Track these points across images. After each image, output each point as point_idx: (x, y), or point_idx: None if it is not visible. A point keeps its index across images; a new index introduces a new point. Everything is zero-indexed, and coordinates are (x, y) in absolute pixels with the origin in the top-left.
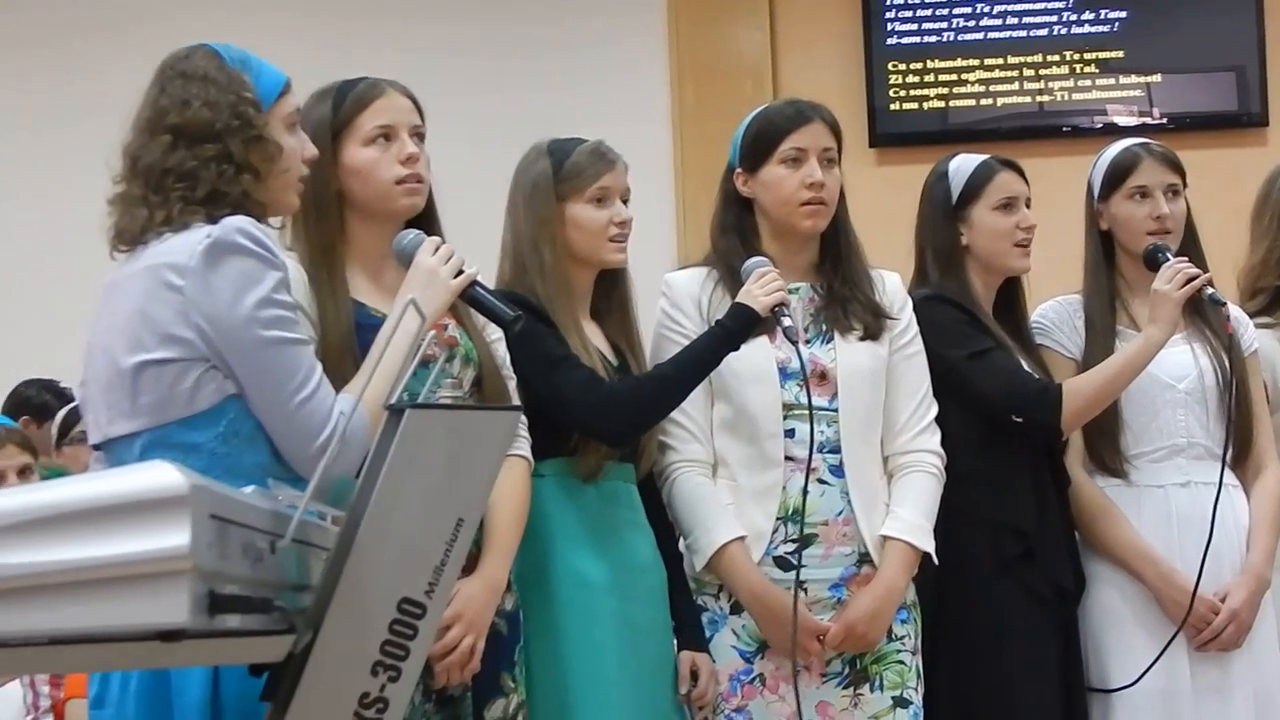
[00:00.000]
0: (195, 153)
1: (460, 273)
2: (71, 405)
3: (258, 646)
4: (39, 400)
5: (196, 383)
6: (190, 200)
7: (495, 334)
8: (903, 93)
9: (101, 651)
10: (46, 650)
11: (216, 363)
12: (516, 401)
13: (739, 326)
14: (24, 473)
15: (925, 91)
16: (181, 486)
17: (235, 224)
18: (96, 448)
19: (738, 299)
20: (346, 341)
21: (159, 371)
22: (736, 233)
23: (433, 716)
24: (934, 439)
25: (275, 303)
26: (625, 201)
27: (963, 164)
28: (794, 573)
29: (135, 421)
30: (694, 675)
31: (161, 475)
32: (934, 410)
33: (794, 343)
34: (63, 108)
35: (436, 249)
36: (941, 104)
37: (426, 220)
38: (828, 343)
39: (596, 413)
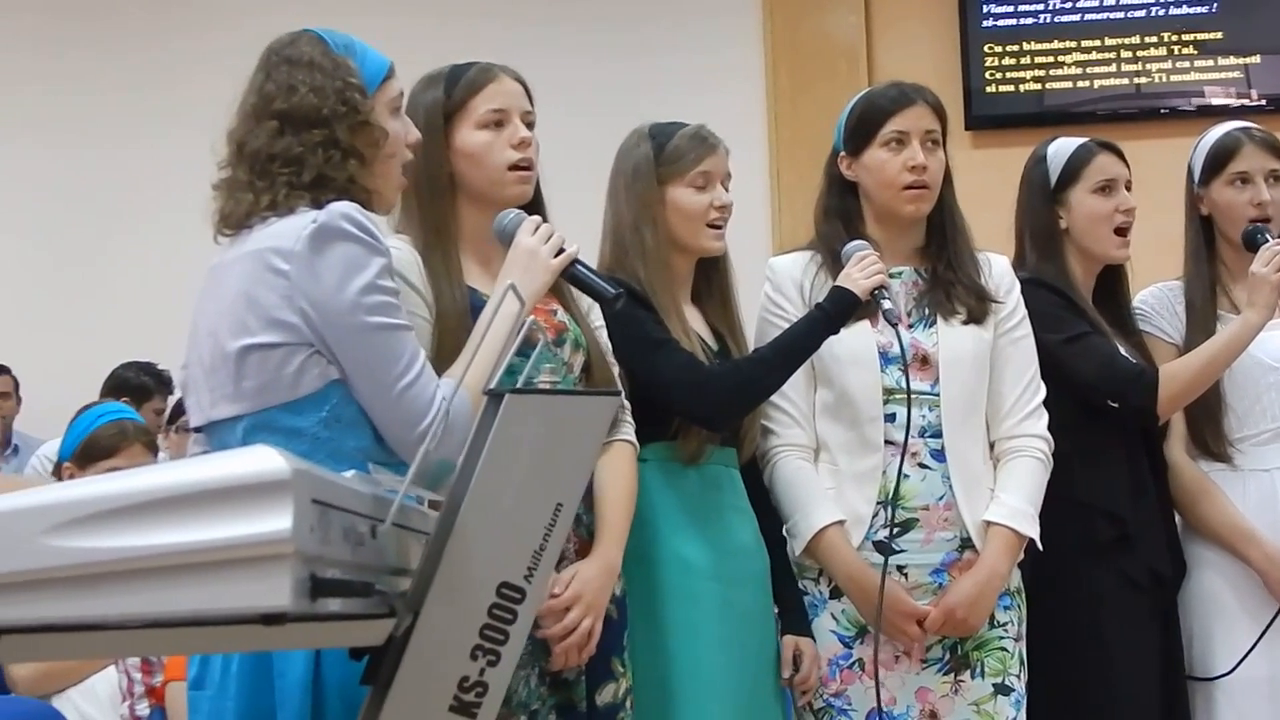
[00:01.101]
0: (301, 138)
1: (560, 251)
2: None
3: (358, 630)
4: (137, 382)
5: (300, 367)
6: (296, 185)
7: (598, 320)
8: (999, 75)
9: (204, 634)
10: (150, 633)
11: (320, 348)
12: (620, 388)
13: (838, 310)
14: None
15: (1021, 74)
16: (284, 471)
17: (341, 209)
18: (198, 430)
19: (837, 282)
20: (463, 323)
21: (263, 355)
22: (840, 217)
23: (547, 700)
24: (1041, 423)
25: (379, 288)
26: (726, 186)
27: (1062, 147)
28: (893, 556)
29: (238, 405)
30: (796, 660)
31: (264, 460)
32: (1041, 394)
33: (894, 325)
34: (169, 94)
35: (536, 228)
36: (1038, 86)
37: (533, 208)
38: (930, 327)
39: (696, 396)
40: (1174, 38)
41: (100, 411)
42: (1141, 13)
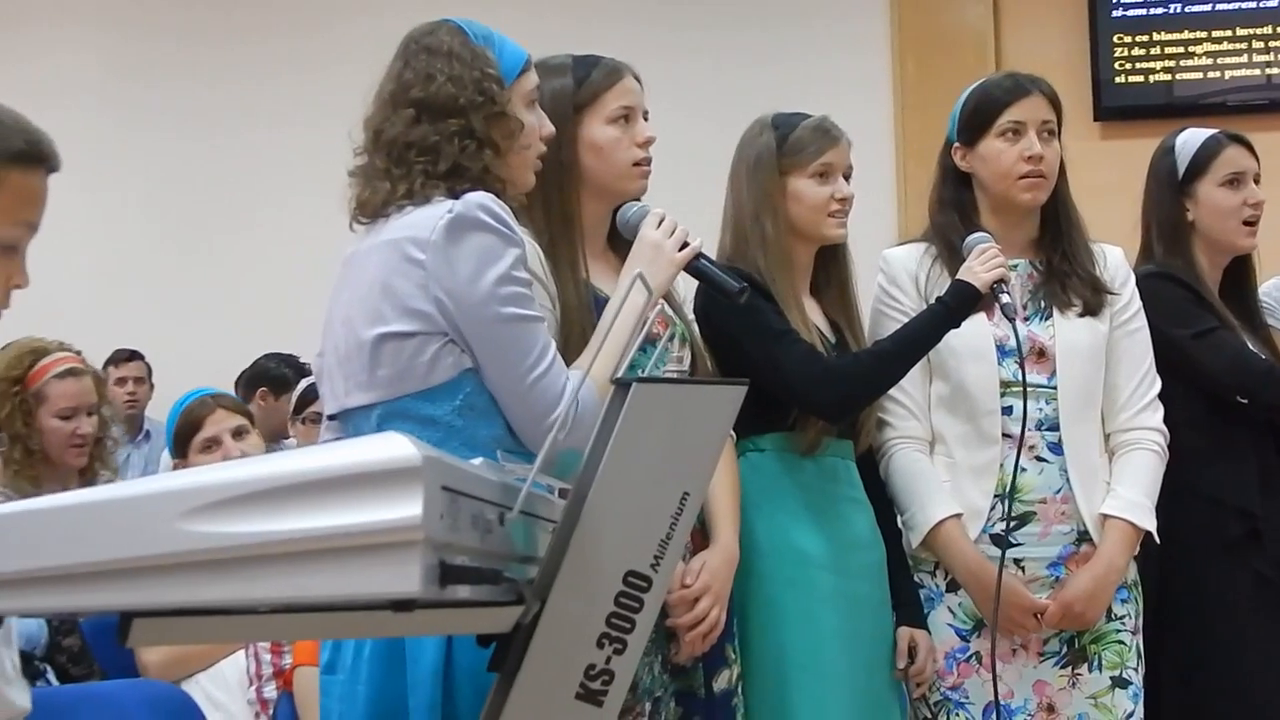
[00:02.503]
0: (438, 127)
1: (685, 245)
2: (310, 381)
3: (486, 617)
4: (278, 373)
5: (434, 356)
6: (432, 174)
7: (690, 313)
8: (1128, 65)
9: (334, 619)
10: (280, 617)
11: (454, 337)
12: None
13: (960, 304)
14: (239, 434)
15: (1151, 64)
16: (414, 458)
17: (477, 200)
18: (331, 418)
19: (958, 276)
20: (586, 316)
21: (398, 344)
22: (955, 208)
23: (669, 687)
24: (1156, 416)
25: (514, 279)
26: (848, 178)
27: (1190, 138)
28: (1010, 550)
29: (372, 393)
30: (911, 652)
31: (395, 447)
32: (1157, 386)
33: (1011, 320)
34: (307, 84)
35: (661, 221)
36: (1168, 77)
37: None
38: (1046, 319)
39: (815, 387)
40: None
41: (180, 402)
42: (1273, 2)
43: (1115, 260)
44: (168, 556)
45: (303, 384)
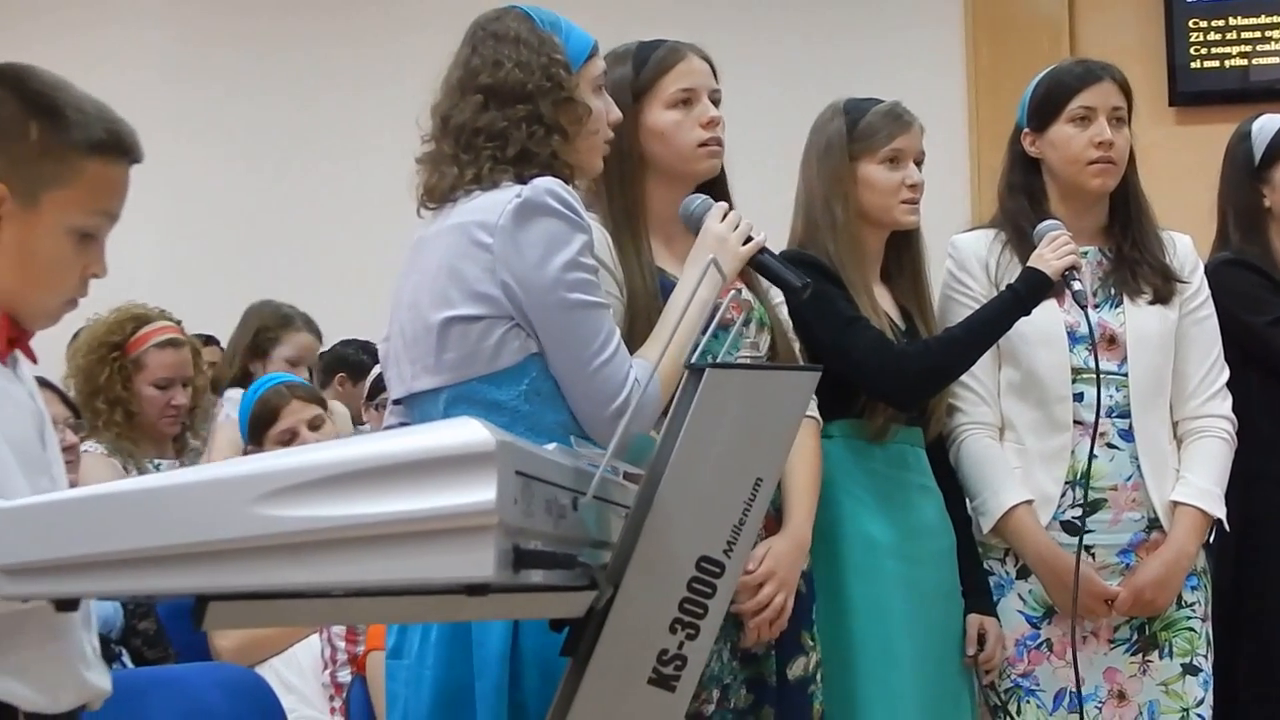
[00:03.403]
0: (506, 113)
1: (749, 239)
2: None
3: (559, 602)
4: (355, 359)
5: (501, 340)
6: (500, 159)
7: (778, 296)
8: (1203, 50)
9: (408, 604)
10: (354, 601)
11: (520, 321)
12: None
13: (1030, 291)
14: (315, 425)
15: (1227, 49)
16: (489, 443)
17: (545, 185)
18: (397, 402)
19: (1029, 263)
20: (652, 303)
21: (465, 328)
22: (1024, 194)
23: (739, 674)
24: (1225, 404)
25: (580, 265)
26: (919, 164)
27: (1266, 124)
28: (1081, 537)
29: (439, 377)
30: (981, 639)
31: (469, 432)
32: (1225, 374)
33: (1083, 307)
34: (374, 67)
35: (725, 215)
36: (1243, 62)
37: (718, 185)
38: (1116, 306)
39: (885, 375)
40: None
41: (256, 387)
42: None
43: (1184, 248)
44: (243, 540)
45: (375, 370)
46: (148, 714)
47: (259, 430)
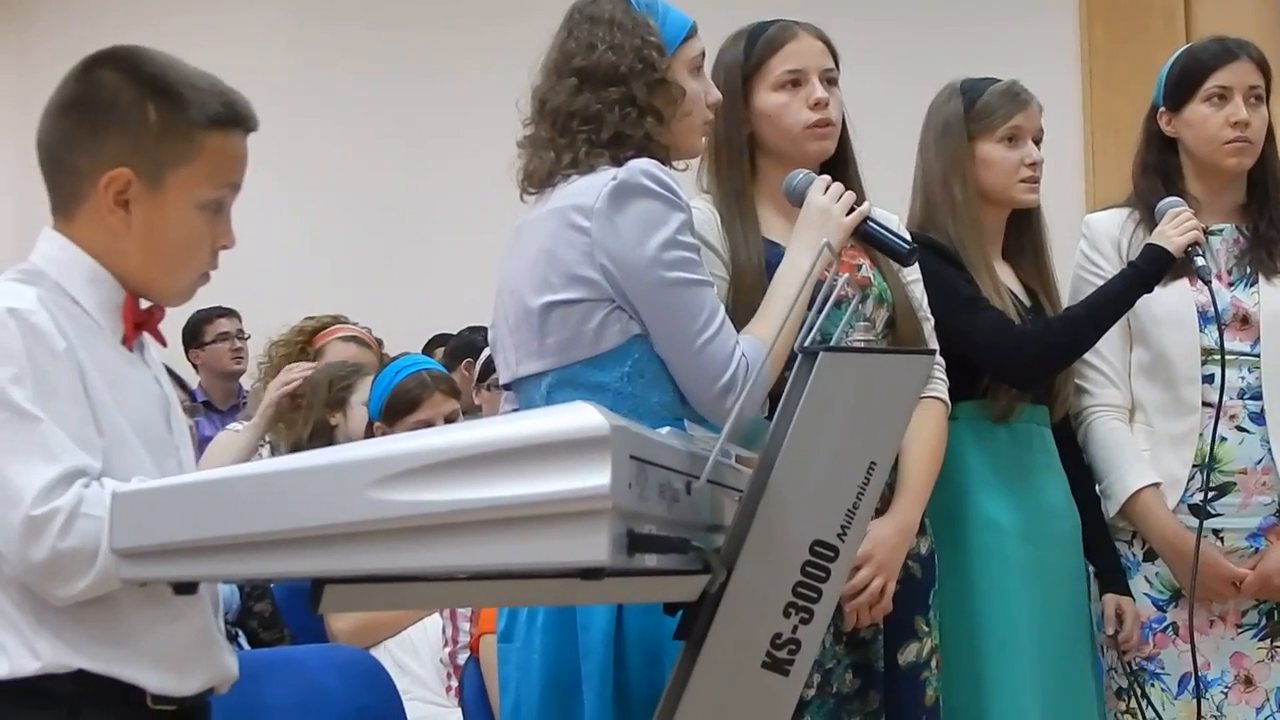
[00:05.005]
0: (600, 96)
1: (852, 210)
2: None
3: (673, 586)
4: (482, 346)
5: (602, 323)
6: (595, 143)
7: (913, 275)
8: None
9: (522, 587)
10: (469, 585)
11: (621, 303)
12: (933, 344)
13: (1152, 268)
14: (451, 419)
15: None
16: (603, 428)
17: (640, 166)
18: (506, 387)
19: (1151, 239)
20: (759, 280)
21: (566, 311)
22: (1159, 173)
23: (843, 659)
24: None
25: (679, 244)
26: (1038, 143)
27: None
28: (1208, 520)
29: (543, 361)
30: (1119, 618)
31: (584, 416)
32: None
33: (1206, 283)
34: (476, 50)
35: (827, 187)
36: None
37: (840, 163)
38: (1251, 285)
39: (1006, 356)
40: None
41: (398, 367)
42: None
43: None
44: (359, 524)
45: (485, 353)
46: (264, 696)
47: (394, 414)
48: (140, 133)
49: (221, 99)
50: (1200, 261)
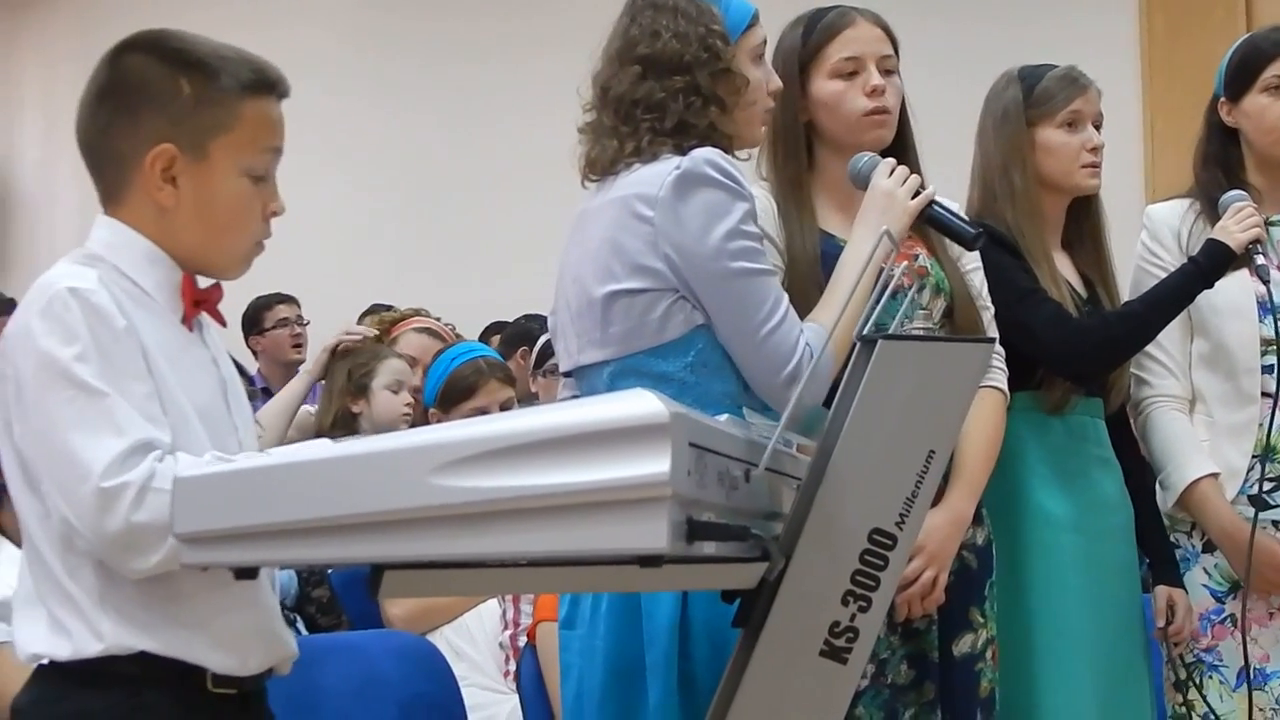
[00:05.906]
0: (663, 84)
1: (918, 193)
2: (548, 336)
3: (731, 573)
4: (538, 334)
5: (666, 312)
6: (658, 131)
7: (973, 263)
8: None
9: (581, 574)
10: (527, 571)
11: (685, 293)
12: (992, 333)
13: (1212, 263)
14: (506, 408)
15: None
16: (663, 415)
17: (704, 155)
18: (567, 375)
19: (1212, 234)
20: (812, 270)
21: (629, 301)
22: (1220, 164)
23: (898, 649)
24: None
25: (743, 234)
26: (1098, 127)
27: None
28: (1267, 511)
29: (605, 350)
30: (1171, 610)
31: (643, 404)
32: None
33: (1265, 282)
34: (536, 37)
35: (893, 170)
36: None
37: (900, 150)
38: None
39: (1063, 349)
40: None
41: (454, 354)
42: None
43: None
44: (419, 510)
45: (542, 339)
46: (322, 680)
47: (449, 401)
48: (176, 108)
49: (250, 65)
50: (1260, 260)
